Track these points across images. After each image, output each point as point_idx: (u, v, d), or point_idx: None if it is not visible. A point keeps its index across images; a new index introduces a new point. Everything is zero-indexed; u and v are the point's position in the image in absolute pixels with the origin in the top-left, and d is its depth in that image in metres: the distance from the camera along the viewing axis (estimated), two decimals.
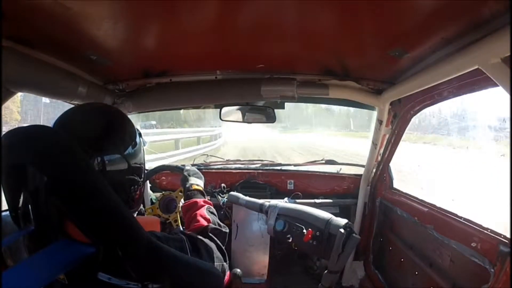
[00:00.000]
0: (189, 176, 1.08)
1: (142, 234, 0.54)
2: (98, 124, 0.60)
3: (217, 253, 0.75)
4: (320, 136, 19.68)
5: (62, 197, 0.50)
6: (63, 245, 0.52)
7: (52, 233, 0.53)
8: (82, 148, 0.53)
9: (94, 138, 0.57)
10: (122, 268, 0.53)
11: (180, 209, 1.37)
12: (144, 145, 0.71)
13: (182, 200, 1.36)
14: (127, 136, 0.63)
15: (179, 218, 1.35)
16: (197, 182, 1.06)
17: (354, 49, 0.99)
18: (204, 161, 1.93)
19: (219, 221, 0.87)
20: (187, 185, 1.04)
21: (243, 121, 1.53)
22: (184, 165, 1.21)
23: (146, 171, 1.42)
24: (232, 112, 1.52)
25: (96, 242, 0.51)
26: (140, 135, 0.68)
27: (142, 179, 0.67)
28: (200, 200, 0.94)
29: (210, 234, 0.80)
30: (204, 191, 1.02)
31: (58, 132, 0.55)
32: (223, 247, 0.79)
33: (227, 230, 0.87)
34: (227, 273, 0.76)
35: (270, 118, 1.53)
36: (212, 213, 0.91)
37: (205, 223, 0.84)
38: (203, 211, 0.90)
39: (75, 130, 0.57)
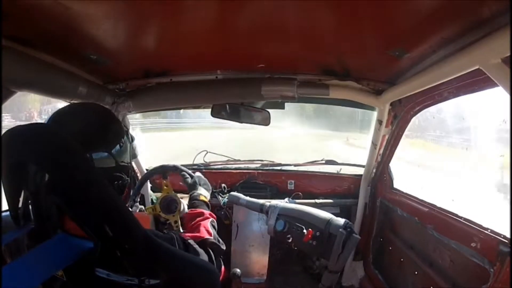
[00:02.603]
0: (199, 185, 1.10)
1: (139, 230, 0.54)
2: (87, 122, 0.62)
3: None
4: None
5: (61, 193, 0.50)
6: (61, 240, 0.52)
7: (51, 230, 0.53)
8: None
9: (83, 136, 0.58)
10: (121, 264, 0.53)
11: (182, 209, 1.37)
12: (132, 142, 0.72)
13: (184, 202, 1.37)
14: (115, 135, 0.65)
15: (179, 219, 1.35)
16: (205, 194, 1.08)
17: (354, 49, 0.99)
18: (204, 160, 1.92)
19: (219, 237, 0.89)
20: (195, 194, 1.06)
21: (234, 120, 1.50)
22: (194, 171, 1.23)
23: (146, 171, 1.42)
24: (224, 109, 1.47)
25: (94, 238, 0.51)
26: (127, 134, 0.69)
27: (128, 178, 0.68)
28: (206, 212, 0.96)
29: (208, 248, 0.80)
30: (209, 204, 1.04)
31: (57, 130, 0.55)
32: (215, 263, 0.79)
33: (224, 248, 0.88)
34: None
35: (265, 121, 1.51)
36: (214, 227, 0.93)
37: (206, 235, 0.86)
38: (207, 223, 0.91)
39: (65, 127, 0.58)
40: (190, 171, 1.26)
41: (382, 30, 0.82)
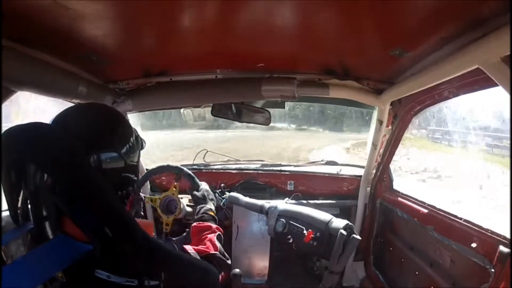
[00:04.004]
0: (208, 199, 1.13)
1: (138, 231, 0.54)
2: (95, 123, 0.61)
3: None
4: None
5: (61, 194, 0.50)
6: (60, 241, 0.52)
7: (51, 231, 0.53)
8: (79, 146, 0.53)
9: (91, 136, 0.58)
10: (121, 265, 0.53)
11: (181, 208, 1.37)
12: (143, 145, 0.71)
13: (184, 202, 1.37)
14: (124, 135, 0.64)
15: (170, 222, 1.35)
16: (213, 208, 1.10)
17: (355, 49, 0.99)
18: (204, 160, 1.92)
19: (224, 252, 0.90)
20: (205, 208, 1.08)
21: (235, 119, 1.50)
22: (195, 172, 1.25)
23: (147, 170, 1.43)
24: (225, 108, 1.47)
25: (94, 240, 0.51)
26: (136, 134, 0.69)
27: (137, 178, 0.68)
28: (214, 226, 0.98)
29: (214, 263, 0.80)
30: (216, 218, 1.06)
31: (57, 130, 0.55)
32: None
33: (230, 262, 0.88)
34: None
35: (265, 121, 1.50)
36: (220, 241, 0.94)
37: (212, 250, 0.86)
38: (214, 237, 0.92)
39: (72, 128, 0.57)
40: (197, 180, 1.27)
41: (382, 30, 0.82)
